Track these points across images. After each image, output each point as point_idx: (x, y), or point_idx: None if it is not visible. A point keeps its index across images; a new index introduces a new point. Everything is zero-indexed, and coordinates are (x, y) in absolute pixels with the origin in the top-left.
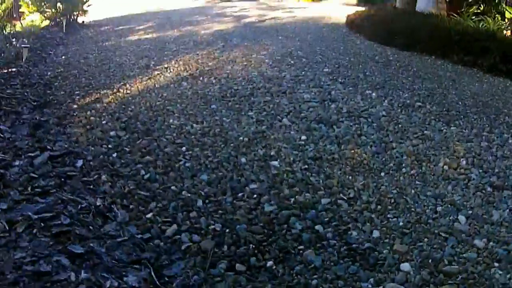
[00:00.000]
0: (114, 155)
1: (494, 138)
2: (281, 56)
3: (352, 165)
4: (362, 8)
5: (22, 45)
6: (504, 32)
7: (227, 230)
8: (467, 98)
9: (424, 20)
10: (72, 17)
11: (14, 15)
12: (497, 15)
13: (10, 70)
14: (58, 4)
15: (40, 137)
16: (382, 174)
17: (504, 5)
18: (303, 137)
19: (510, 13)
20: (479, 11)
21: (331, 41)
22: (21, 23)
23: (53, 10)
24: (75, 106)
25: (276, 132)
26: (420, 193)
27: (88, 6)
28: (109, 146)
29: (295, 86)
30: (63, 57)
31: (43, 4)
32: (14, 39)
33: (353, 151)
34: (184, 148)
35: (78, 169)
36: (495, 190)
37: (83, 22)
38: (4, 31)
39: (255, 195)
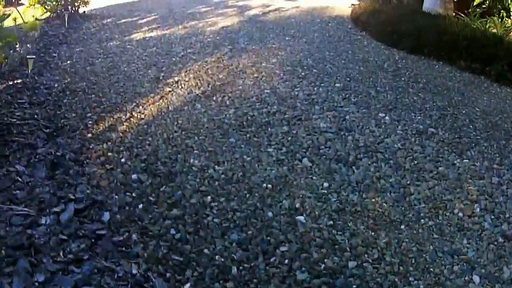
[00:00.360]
0: (140, 206)
1: (505, 171)
2: (291, 65)
3: (374, 217)
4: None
5: (27, 56)
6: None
7: None
8: (477, 119)
9: (432, 22)
10: (74, 8)
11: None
12: (502, 11)
13: (15, 82)
14: None
15: (60, 181)
16: (402, 227)
17: (509, 1)
18: (325, 184)
19: None
20: (484, 8)
21: (338, 42)
22: (21, 15)
23: (55, 2)
24: (89, 135)
25: (298, 177)
26: (438, 249)
27: None
28: (133, 194)
29: (310, 109)
30: (68, 61)
31: None
32: (17, 45)
33: (374, 199)
34: (209, 198)
35: (106, 225)
36: (506, 241)
37: (84, 12)
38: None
39: (286, 260)
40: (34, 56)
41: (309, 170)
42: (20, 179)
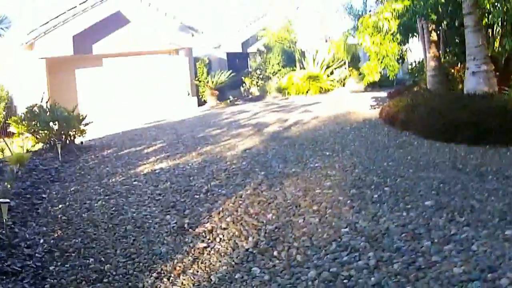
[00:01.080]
0: None
1: None
2: (354, 186)
3: None
4: (372, 94)
5: (0, 200)
6: None
7: None
8: None
9: (486, 104)
10: (69, 138)
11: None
12: None
13: None
14: (51, 124)
15: None
16: None
17: None
18: None
19: None
20: None
21: (386, 148)
22: (8, 146)
23: (46, 131)
24: None
25: None
26: None
27: (86, 125)
28: None
29: (420, 247)
30: (60, 205)
31: (33, 123)
32: None
33: None
34: None
35: None
36: None
37: (81, 143)
38: None
39: None
40: (8, 200)
41: None
42: None
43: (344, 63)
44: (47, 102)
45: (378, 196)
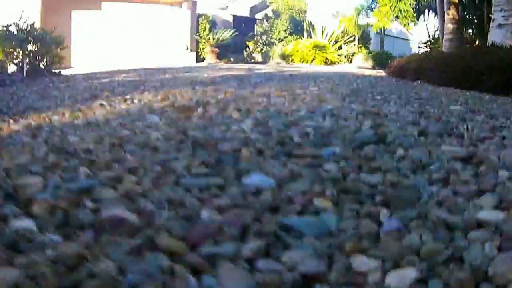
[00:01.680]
0: None
1: None
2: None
3: None
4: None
5: None
6: None
7: None
8: None
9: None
10: (45, 62)
11: None
12: None
13: None
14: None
15: None
16: None
17: None
18: None
19: None
20: None
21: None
22: None
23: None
24: None
25: None
26: None
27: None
28: None
29: None
30: None
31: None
32: None
33: None
34: None
35: None
36: None
37: (59, 72)
38: None
39: None
40: None
41: None
42: None
43: (354, 39)
44: (25, 22)
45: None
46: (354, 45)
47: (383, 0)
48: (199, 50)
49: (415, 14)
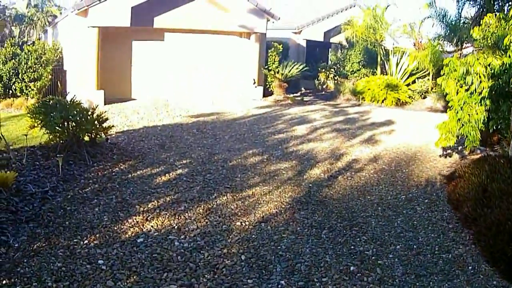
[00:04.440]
0: None
1: None
2: None
3: None
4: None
5: None
6: None
7: None
8: None
9: None
10: (87, 138)
11: None
12: None
13: None
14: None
15: None
16: None
17: None
18: None
19: None
20: None
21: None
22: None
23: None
24: None
25: None
26: None
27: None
28: None
29: None
30: None
31: (46, 119)
32: None
33: None
34: None
35: None
36: None
37: (107, 140)
38: None
39: None
40: None
41: None
42: None
43: (428, 73)
44: (65, 96)
45: None
46: (428, 79)
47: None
48: (267, 83)
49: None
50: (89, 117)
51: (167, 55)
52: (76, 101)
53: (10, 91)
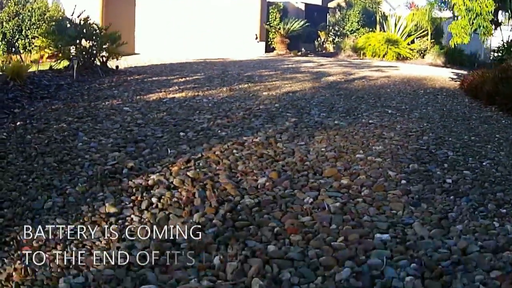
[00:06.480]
0: None
1: None
2: (419, 164)
3: None
4: (452, 70)
5: None
6: None
7: None
8: None
9: None
10: (99, 59)
11: None
12: None
13: None
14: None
15: None
16: None
17: None
18: None
19: None
20: None
21: (466, 120)
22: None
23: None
24: None
25: None
26: None
27: (119, 45)
28: None
29: None
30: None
31: (59, 37)
32: None
33: None
34: None
35: None
36: None
37: (116, 67)
38: None
39: None
40: None
41: None
42: None
43: (426, 34)
44: (78, 17)
45: (453, 182)
46: (427, 39)
47: (459, 11)
48: (268, 39)
49: (493, 27)
50: (102, 33)
51: (171, 12)
52: (89, 20)
53: (13, 49)
